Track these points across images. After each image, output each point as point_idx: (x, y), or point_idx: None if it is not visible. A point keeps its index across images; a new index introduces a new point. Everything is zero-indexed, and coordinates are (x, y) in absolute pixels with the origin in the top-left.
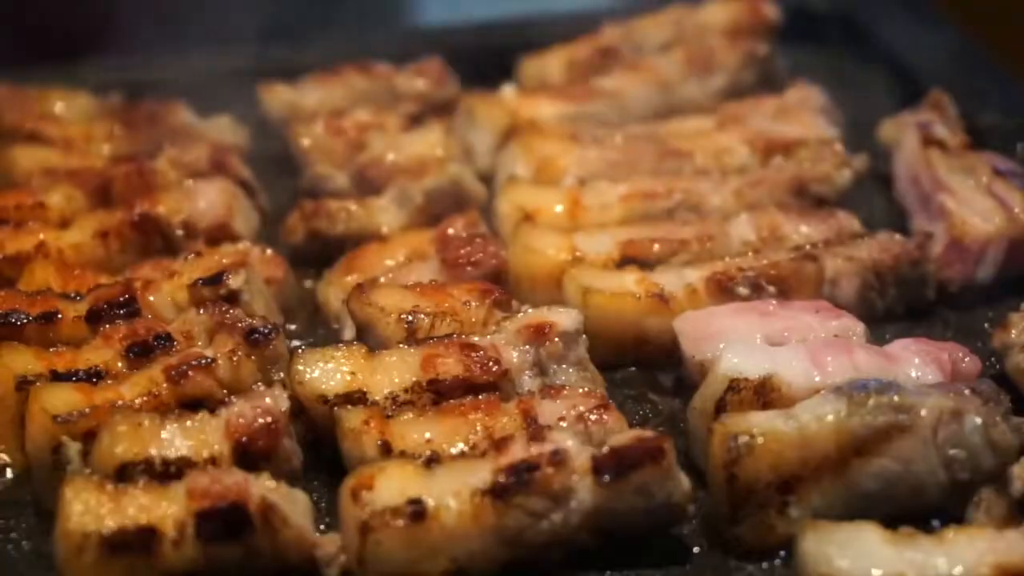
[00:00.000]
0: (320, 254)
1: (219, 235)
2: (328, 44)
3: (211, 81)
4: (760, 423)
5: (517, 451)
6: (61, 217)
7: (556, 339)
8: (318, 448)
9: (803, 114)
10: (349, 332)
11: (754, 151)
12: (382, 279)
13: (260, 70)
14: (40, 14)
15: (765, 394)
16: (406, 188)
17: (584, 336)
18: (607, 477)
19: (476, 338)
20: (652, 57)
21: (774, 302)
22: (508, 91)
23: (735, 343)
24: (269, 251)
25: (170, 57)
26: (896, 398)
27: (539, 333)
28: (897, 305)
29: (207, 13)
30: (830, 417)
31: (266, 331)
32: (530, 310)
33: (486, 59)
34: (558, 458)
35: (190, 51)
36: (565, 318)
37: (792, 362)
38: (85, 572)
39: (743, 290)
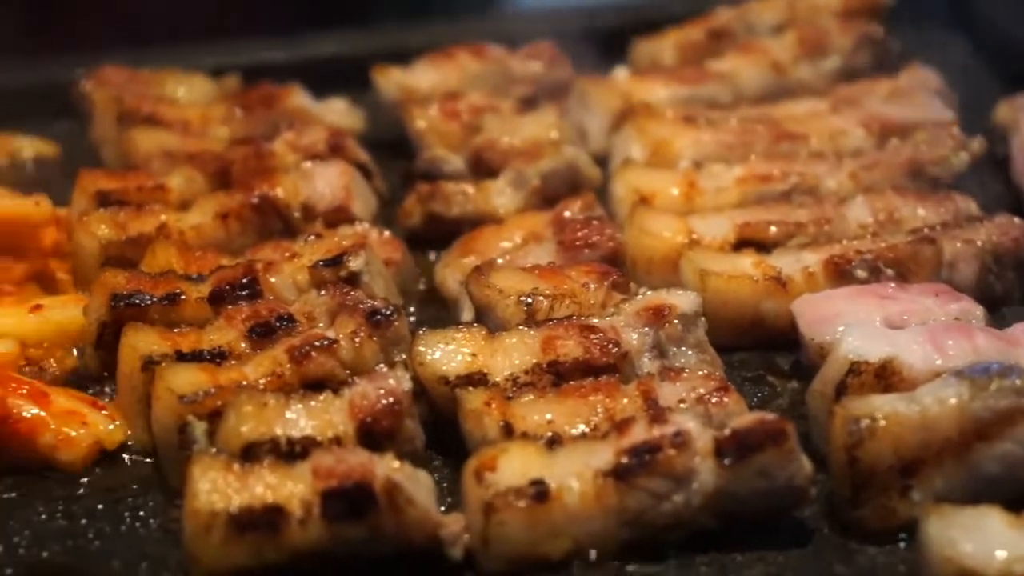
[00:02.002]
0: (435, 236)
1: (337, 217)
2: (439, 27)
3: (323, 64)
4: (882, 406)
5: (639, 433)
6: (181, 199)
7: (675, 321)
8: (437, 428)
9: (918, 96)
10: (467, 314)
11: (869, 133)
12: (499, 261)
13: (370, 53)
14: None
15: (886, 377)
16: (522, 171)
17: (703, 318)
18: (729, 459)
19: (595, 320)
20: (765, 39)
21: (893, 285)
22: (621, 73)
23: (855, 326)
24: (387, 233)
25: (284, 40)
26: (1018, 382)
27: (658, 315)
28: (1015, 288)
29: None
30: (952, 400)
31: (388, 312)
32: (648, 292)
33: (597, 41)
34: (680, 440)
35: (303, 34)
36: (684, 300)
37: (913, 345)
38: (213, 550)
39: (861, 273)
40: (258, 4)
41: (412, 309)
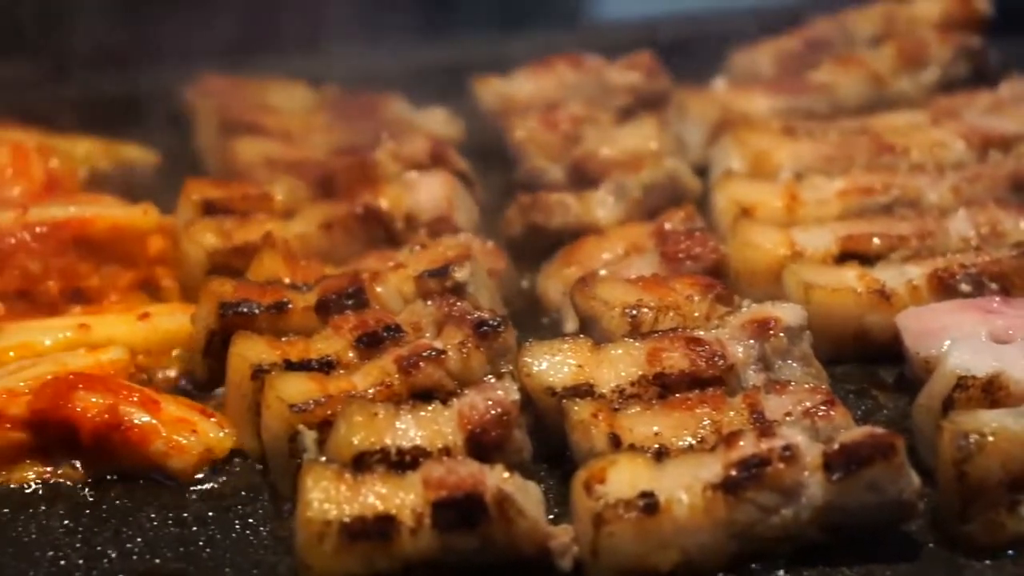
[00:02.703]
0: (535, 246)
1: (440, 227)
2: (535, 36)
3: (421, 74)
4: (990, 421)
5: (747, 446)
6: (285, 208)
7: (780, 334)
8: (542, 439)
9: (1019, 108)
10: (570, 324)
11: (970, 146)
12: (601, 272)
13: (466, 62)
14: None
15: (993, 392)
16: (623, 182)
17: (808, 331)
18: (838, 473)
19: (701, 332)
20: (863, 50)
21: (997, 299)
22: (719, 84)
23: (961, 340)
24: (490, 243)
25: (382, 49)
26: None
27: (763, 328)
28: None
29: (413, 9)
30: None
31: (495, 323)
32: (753, 305)
33: (692, 51)
34: (789, 453)
35: (400, 44)
36: (789, 313)
37: (1020, 360)
38: (325, 559)
39: (965, 287)
40: (357, 13)
41: (513, 320)
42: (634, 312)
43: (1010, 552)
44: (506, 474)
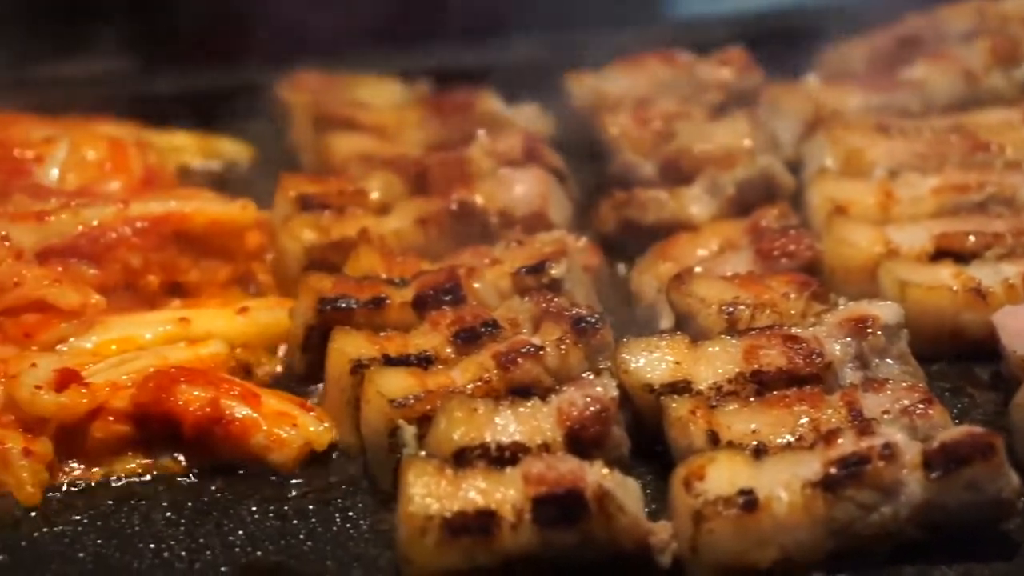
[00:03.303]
0: (628, 242)
1: (535, 223)
2: (624, 33)
3: (512, 69)
4: None
5: (846, 444)
6: (380, 204)
7: (878, 332)
8: (637, 435)
9: None
10: (666, 321)
11: None
12: (696, 269)
13: (554, 59)
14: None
15: None
16: (717, 178)
17: (905, 330)
18: (937, 472)
19: (797, 330)
20: (955, 47)
21: None
22: (812, 81)
23: None
24: (584, 239)
25: (471, 44)
26: None
27: (861, 326)
28: None
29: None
30: None
31: (593, 320)
32: (850, 303)
33: (782, 47)
34: (888, 452)
35: (491, 40)
36: (887, 311)
37: None
38: (427, 553)
39: None
40: (446, 8)
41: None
42: (731, 309)
43: None
44: (606, 470)
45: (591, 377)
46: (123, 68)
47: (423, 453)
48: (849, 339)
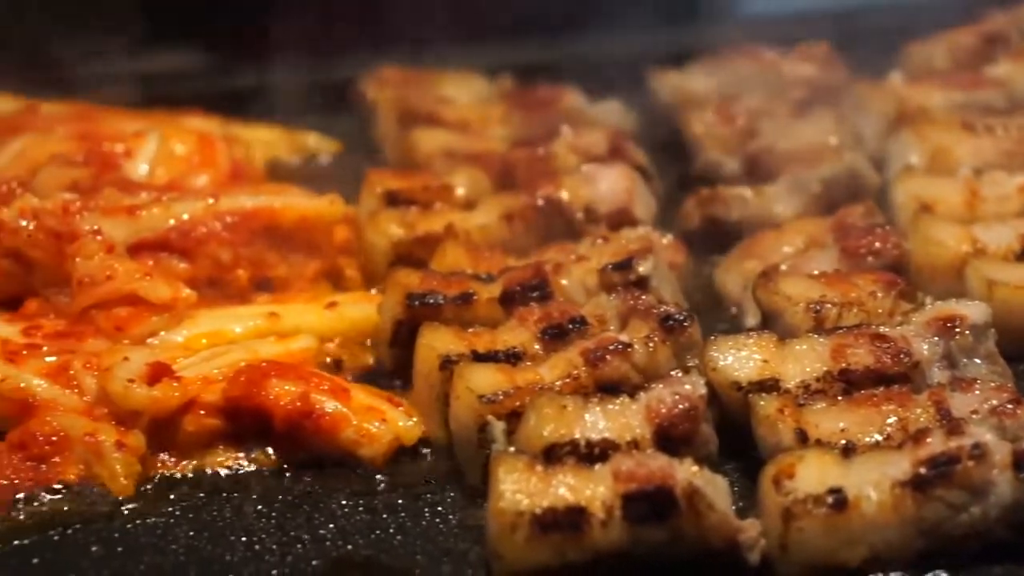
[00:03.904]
0: (712, 239)
1: (620, 220)
2: (706, 28)
3: (594, 66)
4: None
5: (936, 444)
6: (465, 199)
7: (966, 332)
8: (724, 432)
9: None
10: (751, 318)
11: None
12: (782, 267)
13: (638, 54)
14: None
15: None
16: (801, 176)
17: (993, 329)
18: None
19: (885, 329)
20: None
21: None
22: (896, 78)
23: None
24: (669, 236)
25: (553, 40)
26: None
27: (949, 325)
28: None
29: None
30: None
31: (681, 318)
32: (938, 302)
33: (866, 44)
34: (978, 452)
35: (572, 36)
36: (975, 311)
37: None
38: (517, 549)
39: None
40: (528, 4)
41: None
42: (818, 308)
43: None
44: (695, 468)
45: (679, 375)
46: (209, 63)
47: (512, 449)
48: (937, 338)
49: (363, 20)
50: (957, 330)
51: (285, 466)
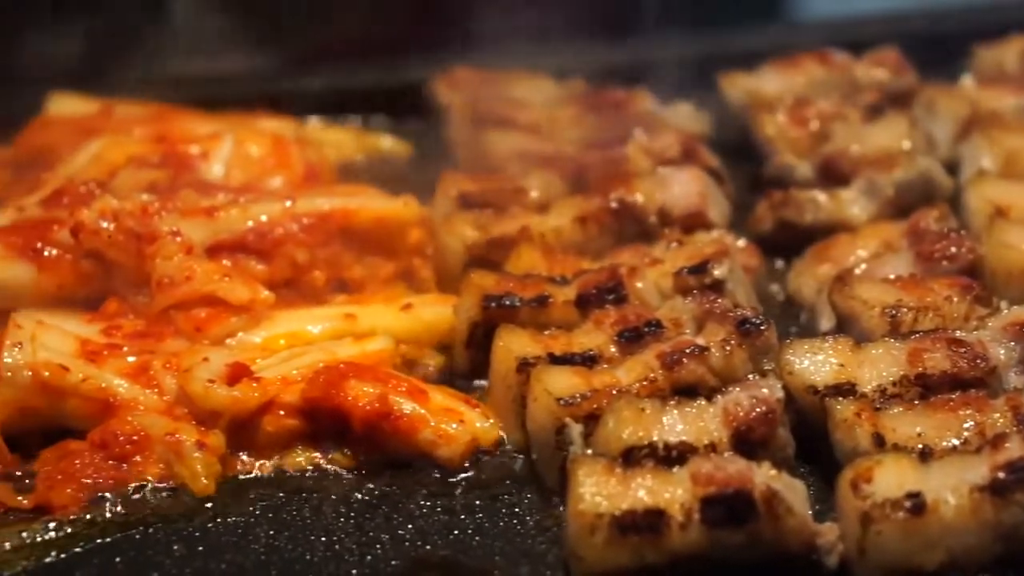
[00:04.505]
0: (784, 243)
1: (693, 223)
2: (775, 30)
3: (663, 67)
4: None
5: (1014, 448)
6: (539, 202)
7: None
8: (800, 436)
9: None
10: (826, 322)
11: None
12: (856, 271)
13: (708, 57)
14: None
15: None
16: (875, 180)
17: None
18: None
19: (961, 334)
20: None
21: None
22: (967, 81)
23: None
24: (743, 240)
25: (623, 42)
26: None
27: None
28: None
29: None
30: None
31: (758, 322)
32: (1013, 307)
33: (934, 47)
34: None
35: (641, 39)
36: None
37: None
38: (596, 550)
39: None
40: (597, 6)
41: None
42: (894, 312)
43: None
44: (773, 471)
45: (756, 378)
46: (280, 65)
47: (589, 451)
48: (1014, 343)
49: (432, 22)
50: None
51: (363, 467)
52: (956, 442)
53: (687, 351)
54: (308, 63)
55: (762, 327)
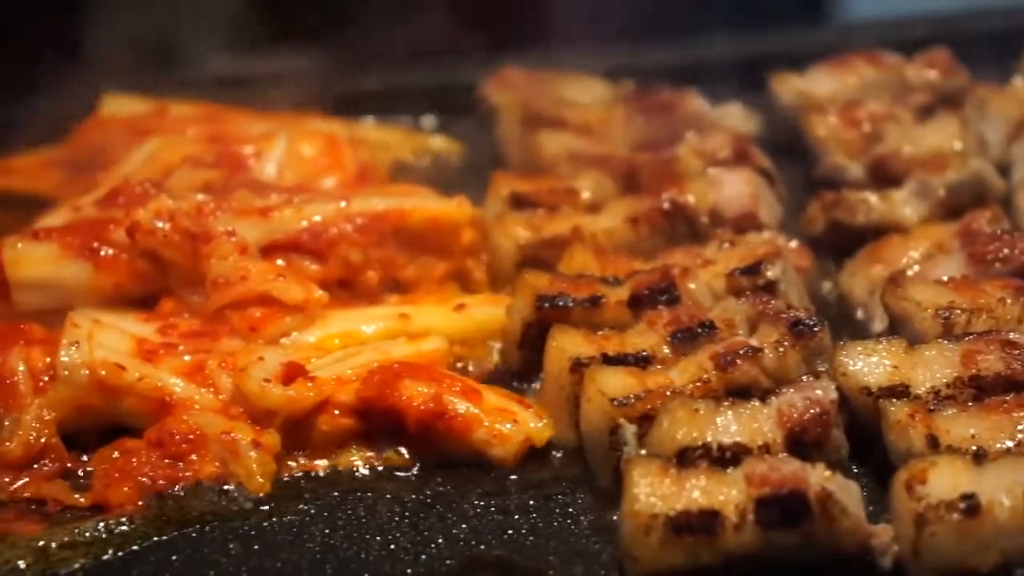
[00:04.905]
0: (835, 244)
1: (745, 224)
2: (827, 30)
3: (712, 68)
4: None
5: None
6: (591, 202)
7: None
8: (853, 437)
9: None
10: (878, 324)
11: None
12: (908, 272)
13: (756, 58)
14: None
15: None
16: (927, 181)
17: None
18: None
19: (1015, 335)
20: None
21: None
22: (1019, 82)
23: None
24: (795, 241)
25: (672, 42)
26: None
27: None
28: None
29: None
30: None
31: (812, 323)
32: None
33: (984, 47)
34: None
35: (687, 39)
36: None
37: None
38: (651, 550)
39: None
40: (647, 8)
41: None
42: (947, 314)
43: None
44: (828, 472)
45: (810, 380)
46: (331, 65)
47: (643, 452)
48: None
49: (480, 23)
50: None
51: (417, 466)
52: (1010, 444)
53: (741, 352)
54: (359, 64)
55: (816, 329)
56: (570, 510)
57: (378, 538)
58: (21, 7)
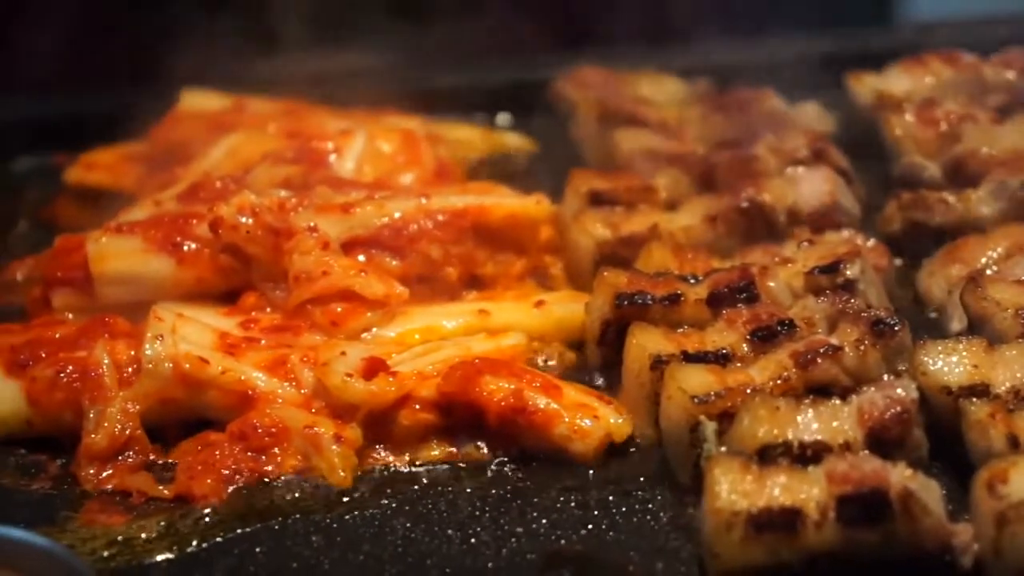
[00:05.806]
0: (913, 243)
1: (823, 223)
2: (900, 30)
3: (787, 67)
4: None
5: None
6: (668, 200)
7: None
8: (933, 437)
9: None
10: (956, 323)
11: None
12: (987, 272)
13: (831, 57)
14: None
15: None
16: (1005, 182)
17: None
18: None
19: None
20: None
21: None
22: None
23: None
24: (872, 240)
25: (750, 43)
26: None
27: None
28: None
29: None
30: None
31: (892, 322)
32: None
33: None
34: None
35: (766, 37)
36: None
37: None
38: (733, 548)
39: None
40: (722, 7)
41: None
42: None
43: None
44: (909, 471)
45: (891, 379)
46: (407, 62)
47: (723, 449)
48: None
49: (553, 21)
50: None
51: (496, 461)
52: None
53: (821, 351)
54: (435, 61)
55: (896, 328)
56: (650, 506)
57: (459, 532)
58: (100, 4)
